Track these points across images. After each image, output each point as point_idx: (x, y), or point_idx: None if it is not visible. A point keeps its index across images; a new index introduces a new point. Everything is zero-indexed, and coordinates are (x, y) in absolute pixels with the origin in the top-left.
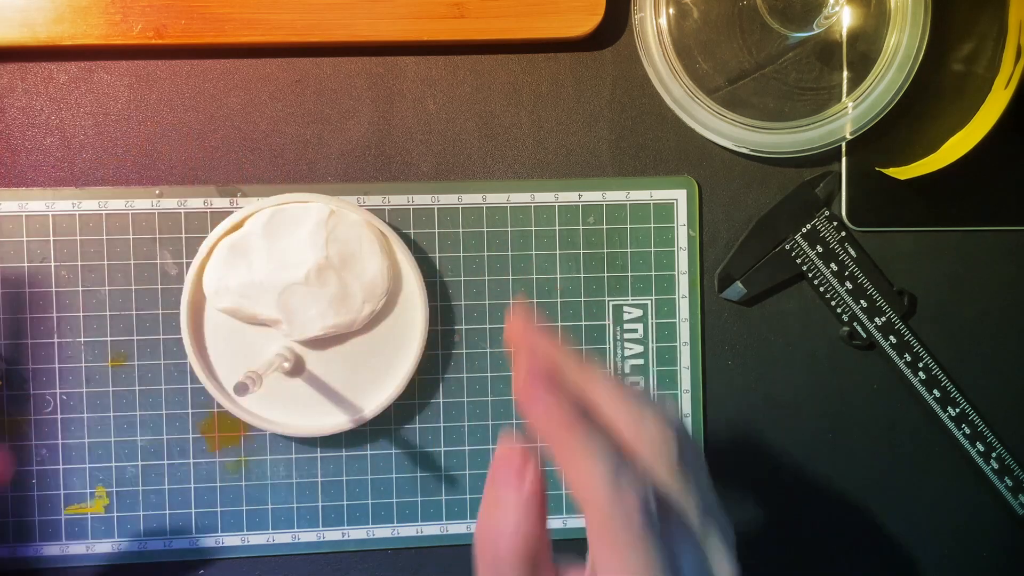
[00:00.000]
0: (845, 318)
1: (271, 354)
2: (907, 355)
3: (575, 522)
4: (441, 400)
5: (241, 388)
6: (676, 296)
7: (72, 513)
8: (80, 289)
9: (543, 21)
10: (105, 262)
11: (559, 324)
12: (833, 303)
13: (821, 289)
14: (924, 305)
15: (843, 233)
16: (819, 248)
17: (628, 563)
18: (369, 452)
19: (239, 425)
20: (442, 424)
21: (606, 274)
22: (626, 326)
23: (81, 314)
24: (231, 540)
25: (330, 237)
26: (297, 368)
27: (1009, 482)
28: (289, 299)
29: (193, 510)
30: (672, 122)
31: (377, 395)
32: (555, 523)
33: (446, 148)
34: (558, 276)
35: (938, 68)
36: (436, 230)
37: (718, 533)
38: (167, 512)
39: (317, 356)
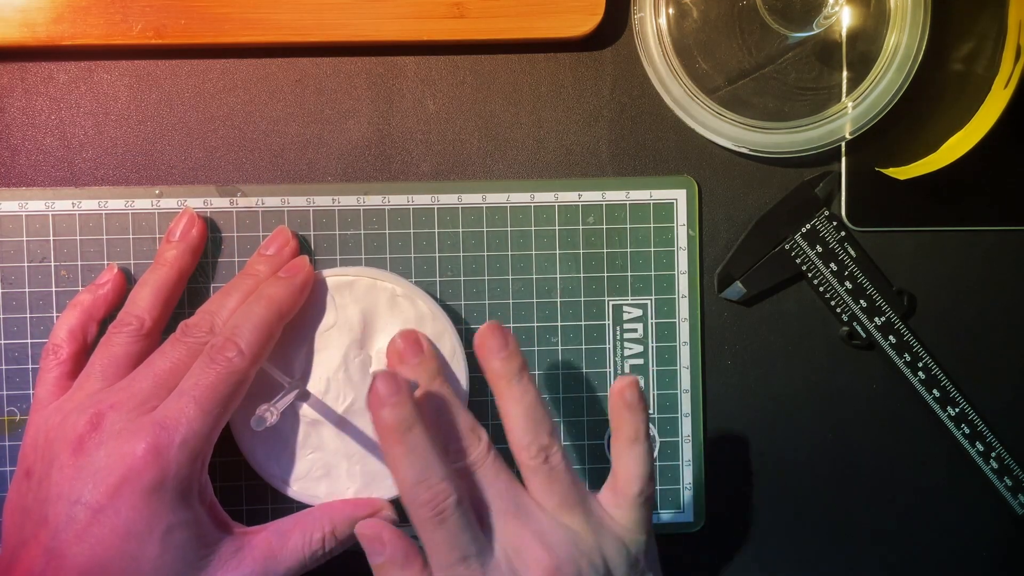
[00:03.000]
0: (845, 318)
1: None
2: (907, 355)
3: None
4: None
5: (259, 421)
6: (676, 296)
7: None
8: (80, 289)
9: (543, 21)
10: (105, 262)
11: (559, 324)
12: (833, 303)
13: (821, 289)
14: (924, 305)
15: (843, 233)
16: (819, 248)
17: (427, 543)
18: None
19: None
20: None
21: (606, 274)
22: (626, 326)
23: None
24: None
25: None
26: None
27: (1009, 482)
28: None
29: None
30: (672, 122)
31: None
32: None
33: (446, 148)
34: (558, 276)
35: (938, 68)
36: (436, 230)
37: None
38: None
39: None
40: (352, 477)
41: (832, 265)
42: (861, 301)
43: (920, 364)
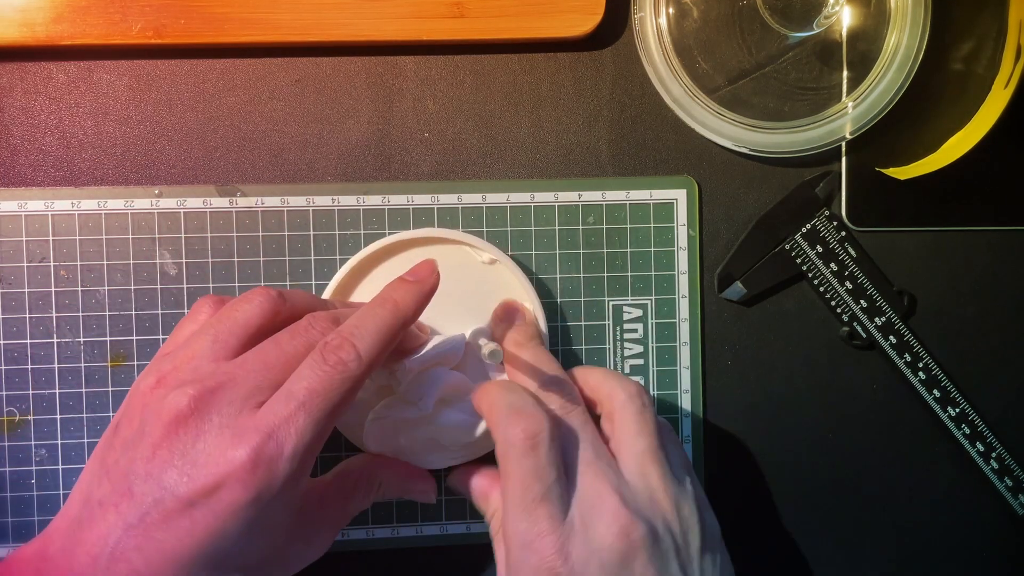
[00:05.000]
0: (845, 318)
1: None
2: (907, 355)
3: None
4: None
5: (495, 355)
6: (676, 296)
7: None
8: (79, 289)
9: (543, 21)
10: (104, 262)
11: (559, 324)
12: (833, 303)
13: (821, 289)
14: (924, 305)
15: (843, 233)
16: (819, 248)
17: (512, 474)
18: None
19: None
20: None
21: (606, 274)
22: (626, 326)
23: (80, 314)
24: None
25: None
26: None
27: (1009, 482)
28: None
29: None
30: (672, 122)
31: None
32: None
33: (446, 148)
34: (558, 276)
35: (938, 68)
36: None
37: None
38: None
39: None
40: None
41: (832, 265)
42: (861, 301)
43: (920, 364)
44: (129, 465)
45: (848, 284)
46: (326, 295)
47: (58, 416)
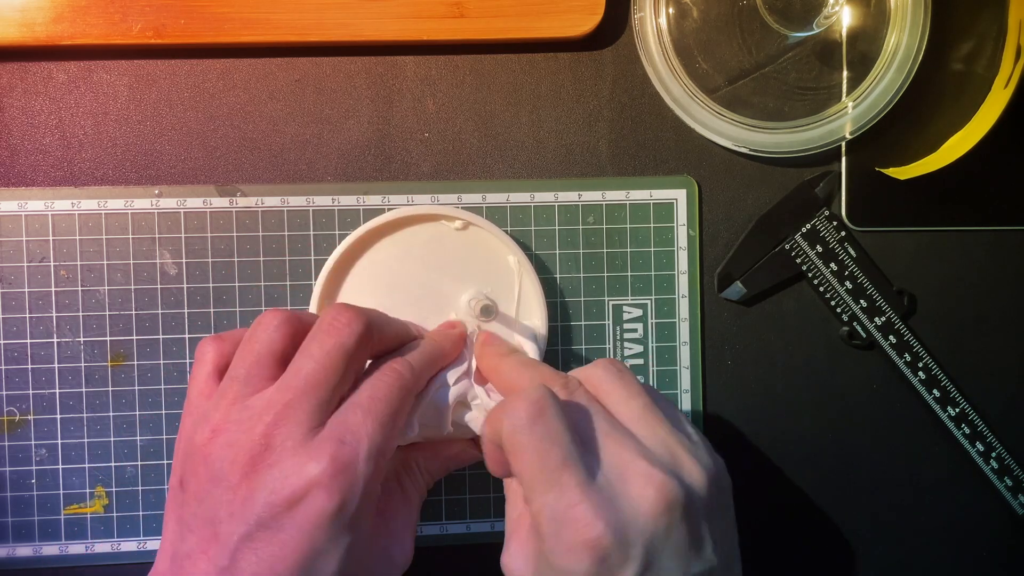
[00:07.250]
0: (845, 318)
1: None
2: (907, 355)
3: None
4: None
5: (488, 310)
6: (676, 296)
7: (71, 513)
8: (79, 289)
9: (543, 21)
10: (104, 262)
11: (559, 324)
12: (833, 303)
13: (821, 289)
14: (924, 305)
15: (843, 233)
16: (819, 248)
17: (524, 449)
18: None
19: None
20: None
21: (606, 274)
22: (626, 326)
23: (80, 314)
24: None
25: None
26: None
27: (1009, 482)
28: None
29: None
30: (672, 122)
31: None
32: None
33: (446, 148)
34: (558, 276)
35: (938, 68)
36: None
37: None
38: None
39: None
40: None
41: (832, 265)
42: (861, 301)
43: (920, 364)
44: (209, 513)
45: (848, 284)
46: (313, 299)
47: (58, 416)
